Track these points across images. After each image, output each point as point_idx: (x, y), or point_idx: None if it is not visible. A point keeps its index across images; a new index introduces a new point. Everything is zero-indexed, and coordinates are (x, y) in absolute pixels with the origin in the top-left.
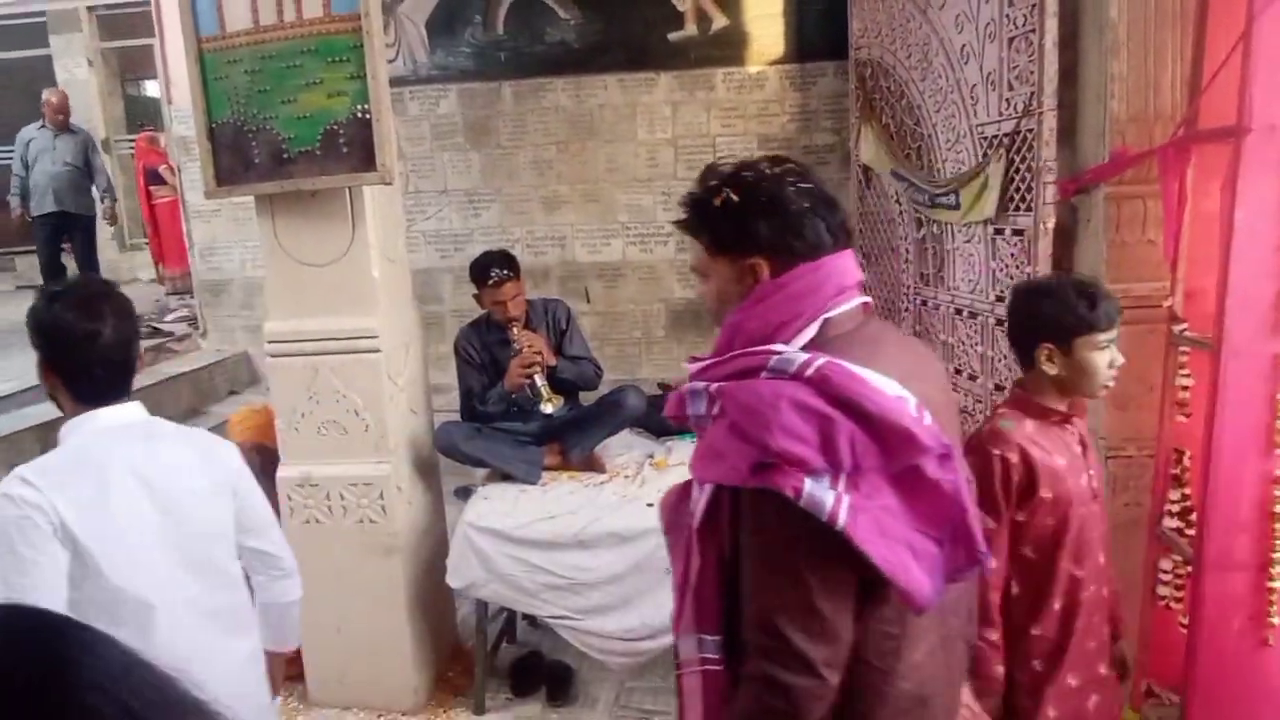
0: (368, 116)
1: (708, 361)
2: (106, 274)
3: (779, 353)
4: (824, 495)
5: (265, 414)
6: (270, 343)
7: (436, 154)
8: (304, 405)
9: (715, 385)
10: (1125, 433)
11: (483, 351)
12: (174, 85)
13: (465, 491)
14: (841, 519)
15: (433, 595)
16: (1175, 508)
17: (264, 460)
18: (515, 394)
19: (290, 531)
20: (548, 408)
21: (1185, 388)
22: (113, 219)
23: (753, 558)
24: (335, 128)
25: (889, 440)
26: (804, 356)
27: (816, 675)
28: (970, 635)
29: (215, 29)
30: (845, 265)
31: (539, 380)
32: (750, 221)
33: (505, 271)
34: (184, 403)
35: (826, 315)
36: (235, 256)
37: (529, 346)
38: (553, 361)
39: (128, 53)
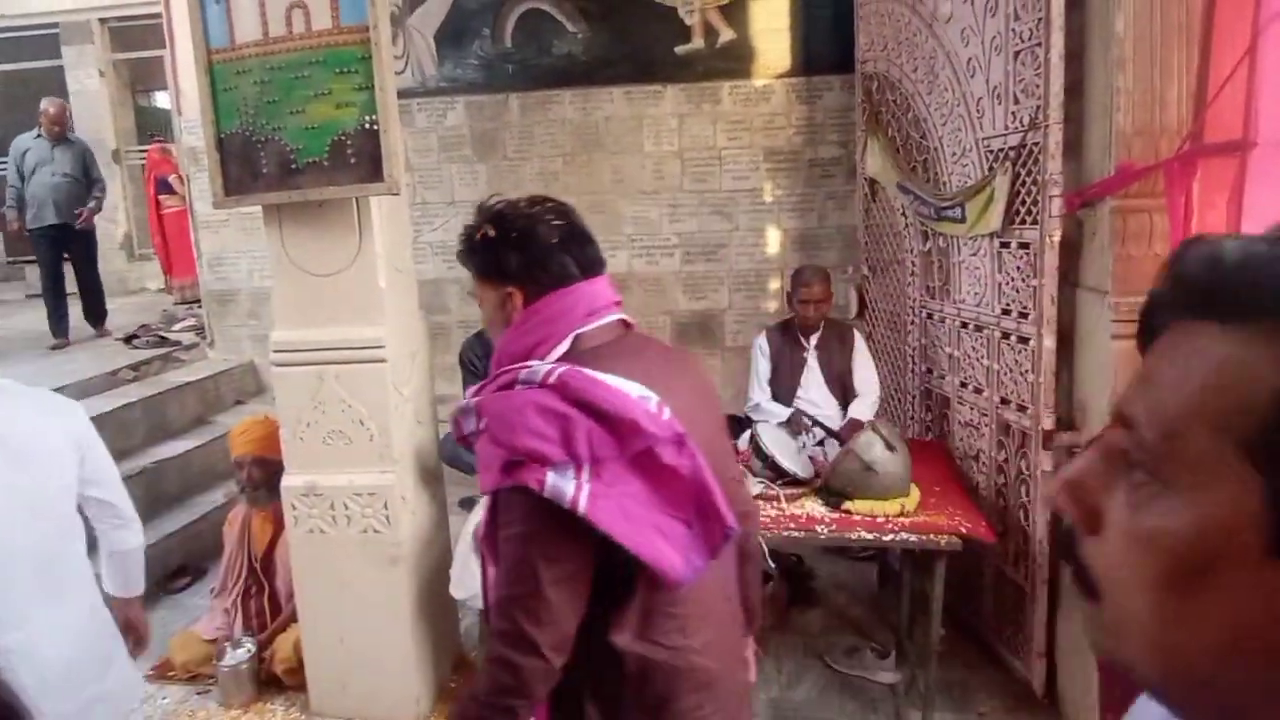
0: (375, 128)
1: (483, 384)
2: (113, 284)
3: (529, 367)
4: (566, 485)
5: (266, 425)
6: (276, 351)
7: (444, 165)
8: (309, 414)
9: (477, 400)
10: None
11: (485, 361)
12: (184, 96)
13: (469, 502)
14: (582, 505)
15: (436, 606)
16: None
17: (265, 473)
18: None
19: (294, 541)
20: None
21: None
22: (88, 218)
23: (502, 550)
24: (343, 138)
25: (621, 431)
26: (548, 367)
27: (541, 657)
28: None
29: (225, 40)
30: (597, 290)
31: None
32: (504, 255)
33: None
34: (190, 412)
35: (578, 332)
36: (243, 267)
37: None
38: None
39: (139, 64)
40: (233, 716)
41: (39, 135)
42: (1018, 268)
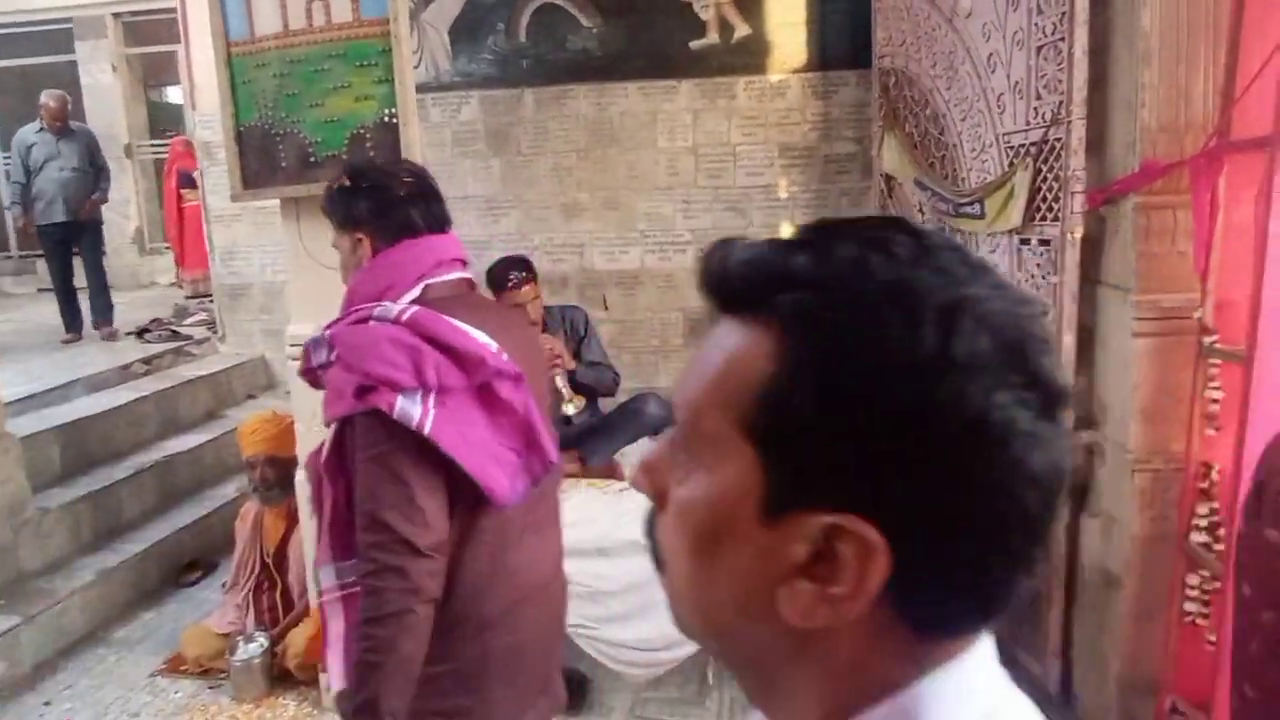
0: (395, 121)
1: (335, 320)
2: (125, 278)
3: (382, 305)
4: (413, 409)
5: (277, 423)
6: (293, 345)
7: (457, 160)
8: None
9: (330, 332)
10: (1152, 446)
11: None
12: (199, 90)
13: None
14: (427, 427)
15: None
16: (1203, 522)
17: (278, 472)
18: None
19: (310, 534)
20: (569, 409)
21: (1215, 400)
22: (93, 207)
23: (363, 471)
24: (362, 131)
25: (467, 364)
26: (400, 307)
27: (424, 555)
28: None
29: (245, 33)
30: (445, 244)
31: (559, 381)
32: (355, 202)
33: (523, 274)
34: (201, 406)
35: (427, 281)
36: (255, 261)
37: (548, 349)
38: (572, 365)
39: (152, 59)
40: (245, 711)
41: (41, 129)
42: (1038, 264)
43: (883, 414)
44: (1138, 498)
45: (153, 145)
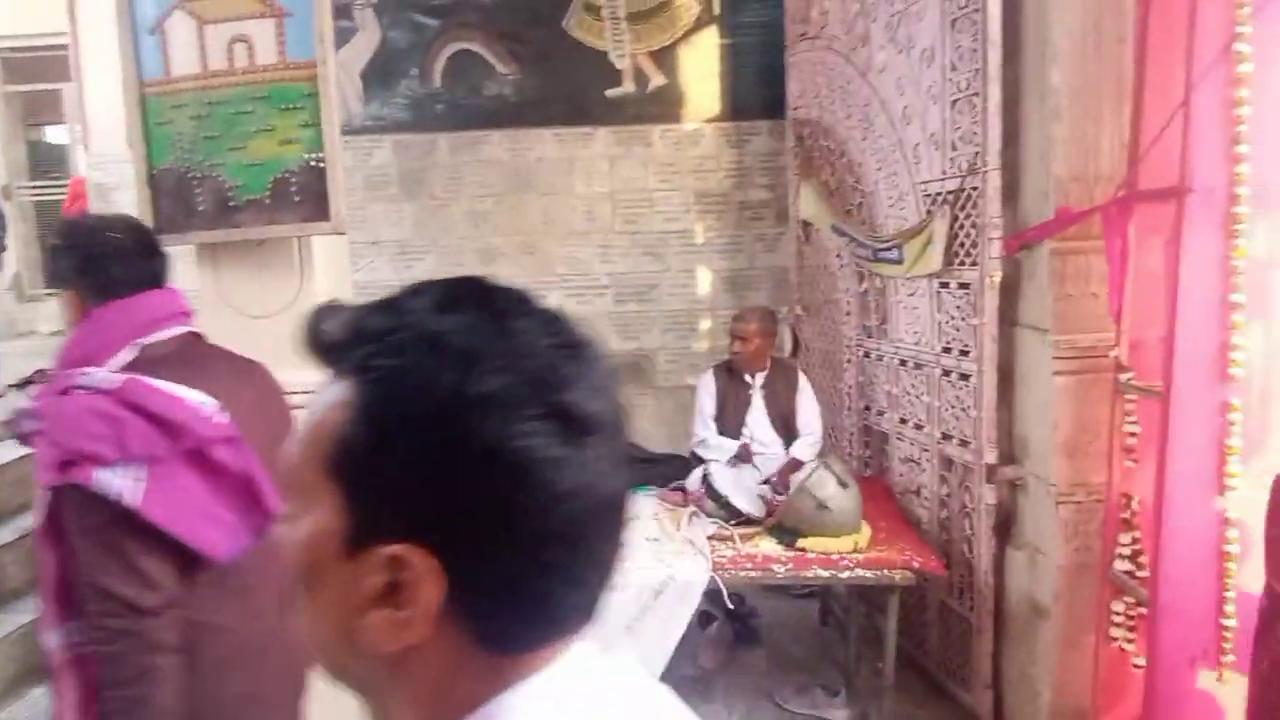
0: (321, 165)
1: (44, 389)
2: (2, 327)
3: (87, 373)
4: (116, 481)
5: None
6: None
7: (369, 205)
8: None
9: (39, 404)
10: (1074, 478)
11: None
12: (92, 131)
13: None
14: (131, 498)
15: None
16: (1126, 550)
17: None
18: None
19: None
20: None
21: (1133, 434)
22: None
23: (78, 543)
24: (286, 176)
25: (174, 432)
26: (106, 375)
27: (152, 614)
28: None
29: (160, 72)
30: (162, 300)
31: None
32: (62, 260)
33: None
34: None
35: (141, 341)
36: None
37: None
38: None
39: (33, 96)
40: None
41: None
42: (958, 307)
43: (420, 450)
44: (1062, 529)
45: (33, 187)
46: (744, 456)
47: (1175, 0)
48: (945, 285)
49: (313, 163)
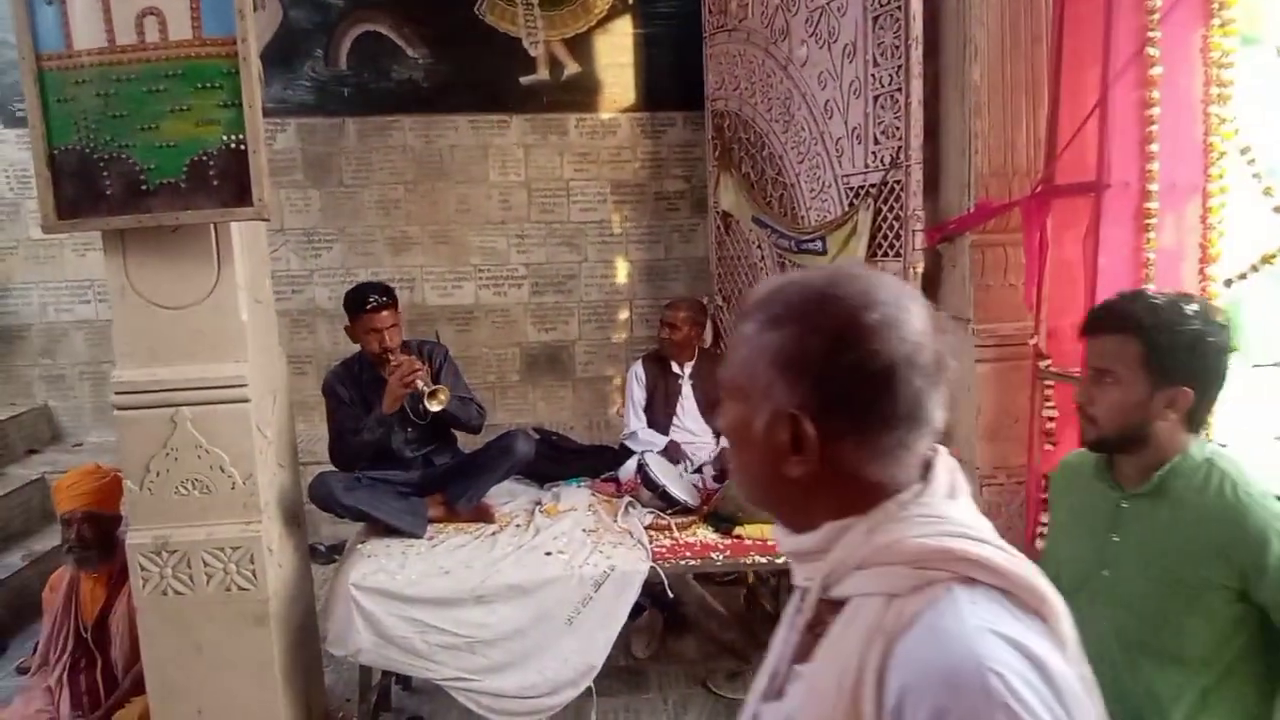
0: (242, 147)
1: None
2: None
3: None
4: None
5: (97, 476)
6: (119, 393)
7: (273, 191)
8: (159, 462)
9: None
10: (996, 461)
11: (354, 390)
12: None
13: (313, 550)
14: None
15: (304, 664)
16: (1045, 529)
17: (96, 531)
18: (392, 413)
19: (142, 604)
20: (434, 405)
21: (1051, 418)
22: None
23: None
24: (204, 158)
25: None
26: None
27: None
28: None
29: (60, 45)
30: None
31: (421, 383)
32: None
33: (383, 298)
34: None
35: None
36: (34, 299)
37: (408, 362)
38: (425, 369)
39: None
40: None
41: None
42: None
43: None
44: (986, 511)
45: None
46: (674, 457)
47: (1088, 4)
48: None
49: (233, 144)
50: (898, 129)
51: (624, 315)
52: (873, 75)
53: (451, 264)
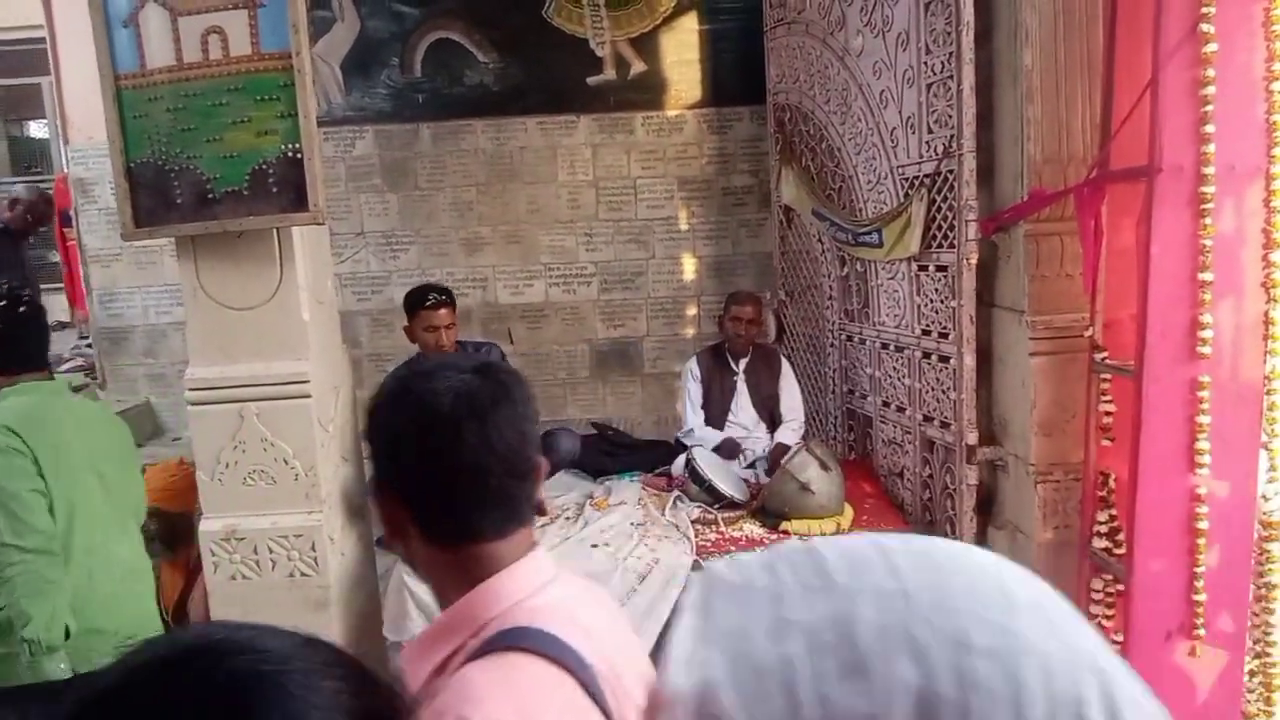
0: (298, 155)
1: None
2: None
3: None
4: None
5: (168, 473)
6: (192, 390)
7: (352, 196)
8: (228, 455)
9: None
10: (1052, 458)
11: None
12: (71, 124)
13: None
14: None
15: (367, 649)
16: (1103, 528)
17: (161, 526)
18: None
19: (214, 589)
20: None
21: (1108, 413)
22: None
23: None
24: (264, 167)
25: None
26: None
27: None
28: None
29: (135, 65)
30: None
31: None
32: None
33: (442, 296)
34: None
35: None
36: (137, 302)
37: None
38: None
39: (12, 91)
40: None
41: None
42: (936, 290)
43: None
44: (1041, 508)
45: (13, 182)
46: (730, 453)
47: None
48: (924, 268)
49: (290, 153)
50: (950, 117)
51: (691, 311)
52: (925, 63)
53: (522, 263)
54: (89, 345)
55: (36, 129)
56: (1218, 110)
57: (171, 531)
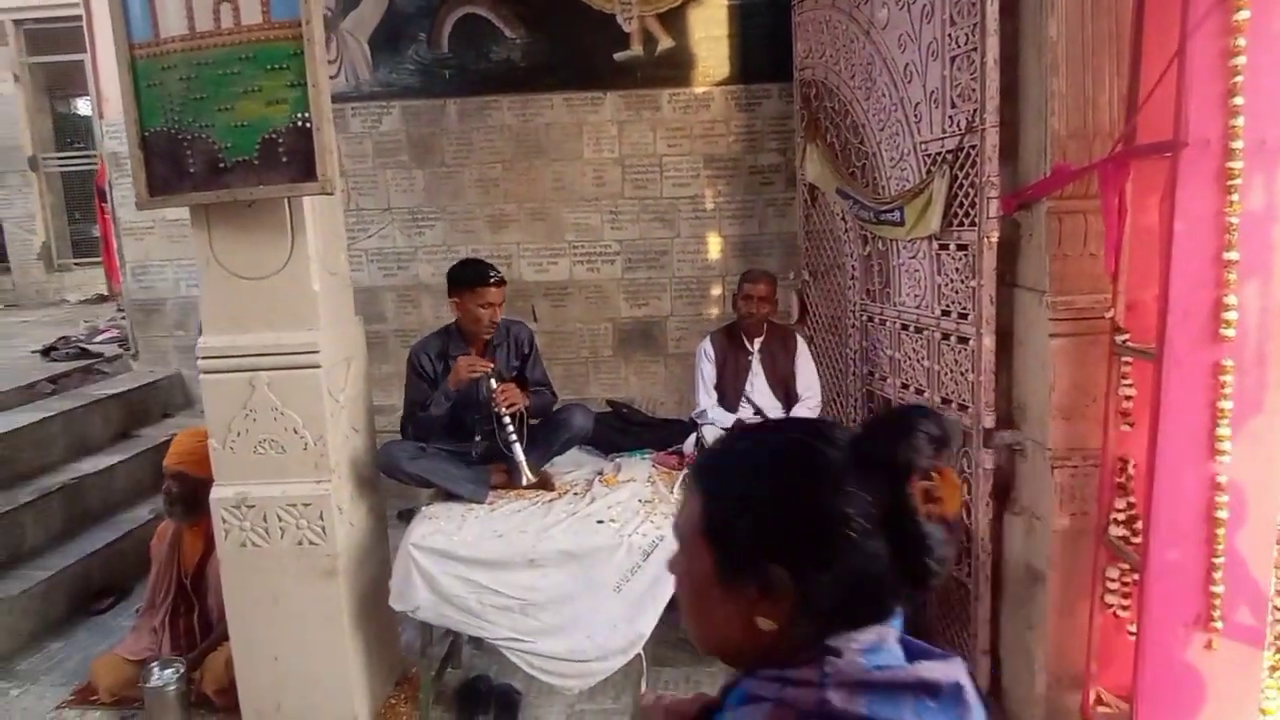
0: (308, 125)
1: None
2: (31, 295)
3: None
4: None
5: (193, 438)
6: (204, 358)
7: (379, 171)
8: (240, 423)
9: None
10: (1070, 442)
11: (439, 363)
12: (106, 100)
13: (409, 514)
14: None
15: (375, 619)
16: (1121, 516)
17: (182, 488)
18: (458, 389)
19: (225, 555)
20: (503, 410)
21: (1128, 397)
22: None
23: None
24: (274, 136)
25: None
26: None
27: None
28: None
29: (149, 34)
30: None
31: (494, 383)
32: None
33: (499, 274)
34: (113, 426)
35: None
36: (169, 275)
37: (504, 396)
38: (525, 402)
39: (57, 68)
40: None
41: None
42: (956, 269)
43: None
44: (1058, 493)
45: (60, 158)
46: None
47: None
48: (945, 247)
49: (300, 123)
50: (974, 91)
51: (716, 291)
52: (949, 35)
53: (547, 240)
54: (124, 318)
55: (83, 106)
56: (1248, 81)
57: (194, 495)
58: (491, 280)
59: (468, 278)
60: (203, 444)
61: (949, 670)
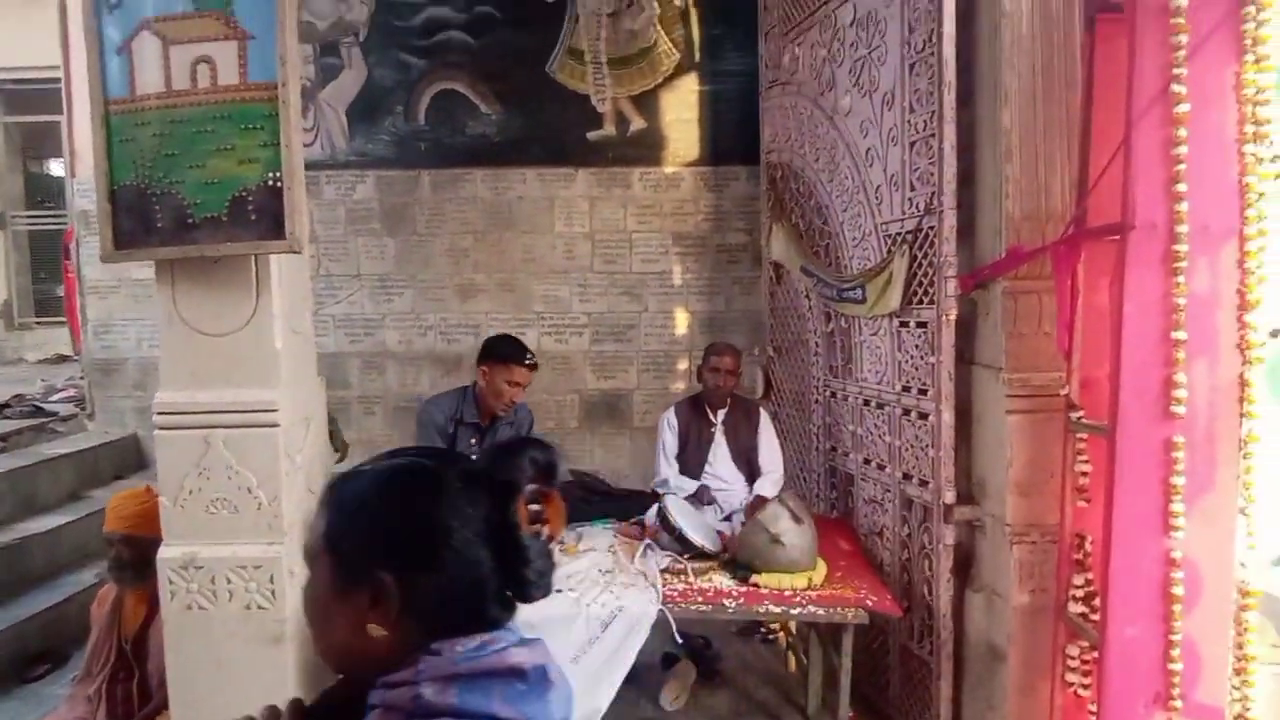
0: (279, 184)
1: None
2: None
3: None
4: None
5: (141, 500)
6: (160, 414)
7: (350, 238)
8: (192, 481)
9: None
10: (1028, 518)
11: (449, 424)
12: (79, 158)
13: None
14: None
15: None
16: (1080, 592)
17: (133, 552)
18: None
19: (169, 618)
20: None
21: (1084, 473)
22: None
23: None
24: (244, 194)
25: None
26: None
27: None
28: None
29: (125, 91)
30: None
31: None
32: None
33: (534, 359)
34: (64, 486)
35: None
36: (131, 334)
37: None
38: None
39: (33, 129)
40: None
41: None
42: (916, 346)
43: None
44: (1017, 570)
45: (29, 216)
46: (703, 499)
47: (1120, 44)
48: (905, 324)
49: (271, 182)
50: (932, 175)
51: (683, 365)
52: (909, 122)
53: (515, 311)
54: (83, 378)
55: (56, 167)
56: (1190, 170)
57: (143, 559)
58: (526, 362)
59: (503, 352)
60: (146, 504)
61: (534, 655)
